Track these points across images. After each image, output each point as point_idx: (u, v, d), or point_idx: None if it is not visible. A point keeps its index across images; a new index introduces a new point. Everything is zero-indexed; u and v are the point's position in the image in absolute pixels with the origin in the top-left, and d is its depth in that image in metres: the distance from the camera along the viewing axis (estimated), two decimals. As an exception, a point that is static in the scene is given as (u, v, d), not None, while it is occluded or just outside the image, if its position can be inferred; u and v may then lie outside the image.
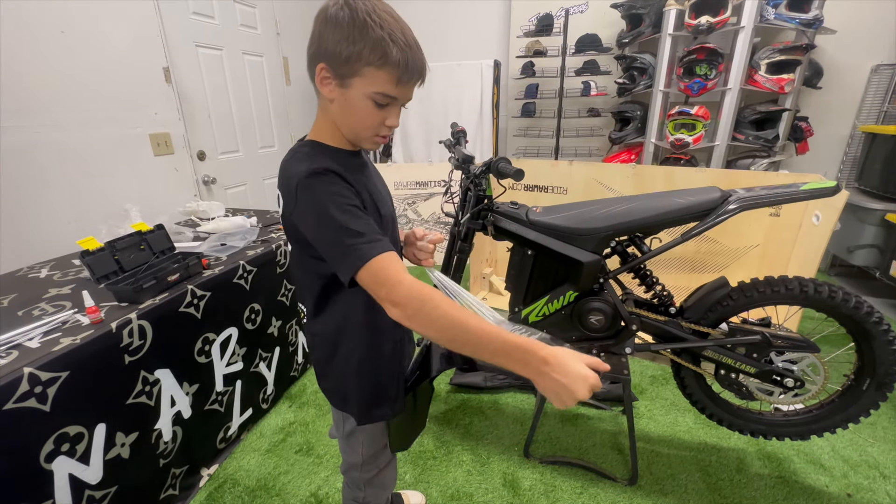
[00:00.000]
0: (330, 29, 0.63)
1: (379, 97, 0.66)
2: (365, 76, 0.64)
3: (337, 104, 0.69)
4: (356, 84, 0.65)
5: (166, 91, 2.23)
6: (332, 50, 0.64)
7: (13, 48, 1.61)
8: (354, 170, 0.73)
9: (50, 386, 0.97)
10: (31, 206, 1.71)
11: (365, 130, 0.70)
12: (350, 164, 0.73)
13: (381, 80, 0.65)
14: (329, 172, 0.66)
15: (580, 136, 3.32)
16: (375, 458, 0.94)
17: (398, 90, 0.67)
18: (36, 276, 1.48)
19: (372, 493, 0.98)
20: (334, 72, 0.66)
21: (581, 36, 3.06)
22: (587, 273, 1.34)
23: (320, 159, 0.69)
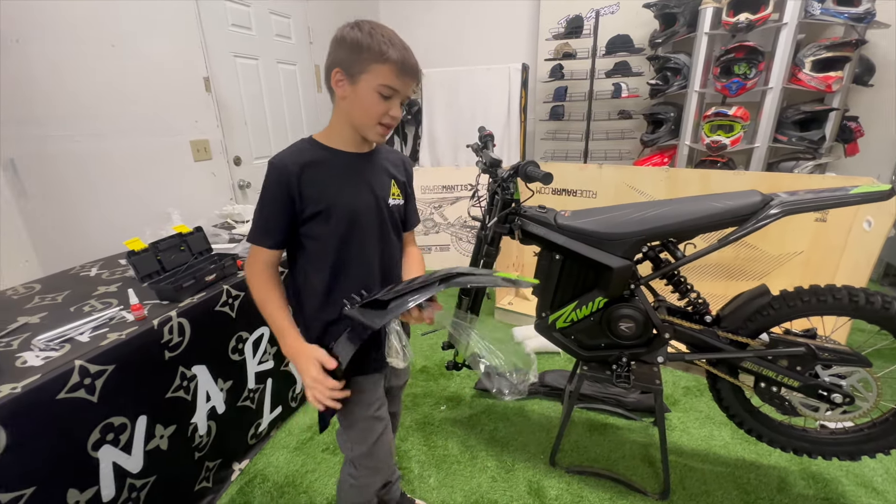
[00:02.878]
0: (343, 43, 0.81)
1: (383, 89, 0.81)
2: (371, 72, 0.80)
3: (348, 100, 0.84)
4: (364, 79, 0.81)
5: (206, 100, 2.33)
6: (344, 56, 0.81)
7: (69, 62, 1.74)
8: (322, 164, 0.87)
9: (98, 378, 1.03)
10: (83, 209, 1.83)
11: (371, 120, 0.84)
12: (322, 158, 0.87)
13: (385, 74, 0.80)
14: (276, 168, 0.84)
15: (610, 138, 3.25)
16: (358, 429, 1.00)
17: (399, 83, 0.82)
18: (87, 274, 1.57)
19: (365, 474, 1.05)
20: (346, 72, 0.82)
21: (612, 37, 3.01)
22: (617, 279, 1.31)
23: (288, 153, 0.87)
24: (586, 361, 1.48)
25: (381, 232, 0.95)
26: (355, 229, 0.90)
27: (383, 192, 0.94)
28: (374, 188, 0.92)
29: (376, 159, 0.95)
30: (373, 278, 0.95)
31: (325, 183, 0.86)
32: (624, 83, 3.06)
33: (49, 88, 1.68)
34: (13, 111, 1.58)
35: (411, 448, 1.67)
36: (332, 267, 0.90)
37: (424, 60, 3.62)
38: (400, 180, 0.99)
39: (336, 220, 0.87)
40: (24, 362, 0.99)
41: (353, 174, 0.90)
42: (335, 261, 0.90)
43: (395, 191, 0.97)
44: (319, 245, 0.89)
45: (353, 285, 0.91)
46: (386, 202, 0.95)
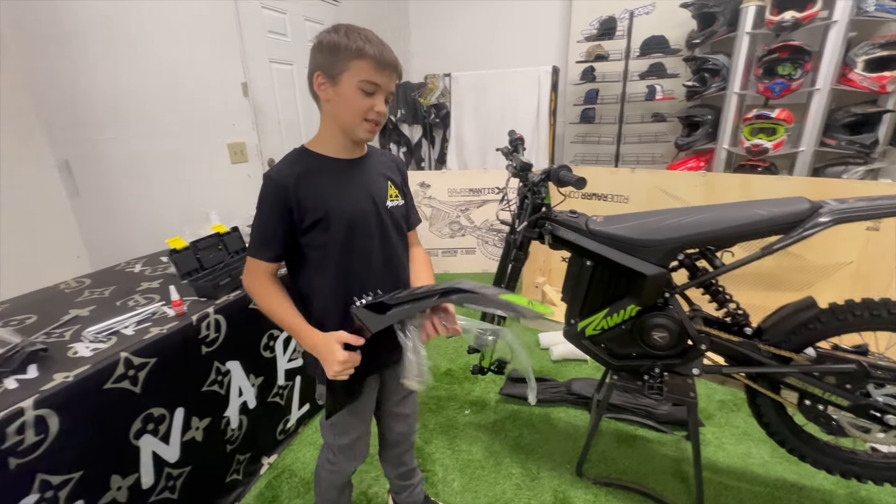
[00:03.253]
0: (321, 48, 0.83)
1: (365, 85, 0.82)
2: (351, 69, 0.81)
3: (332, 102, 0.85)
4: (345, 78, 0.82)
5: (243, 104, 2.42)
6: (323, 60, 0.82)
7: (120, 68, 1.83)
8: (318, 173, 0.88)
9: (141, 370, 1.08)
10: (129, 208, 1.92)
11: (357, 117, 0.85)
12: (317, 167, 0.89)
13: (364, 69, 0.81)
14: (272, 181, 0.86)
15: (643, 142, 3.17)
16: (343, 427, 1.05)
17: (379, 77, 0.83)
18: (131, 270, 1.65)
19: (343, 461, 1.11)
20: (327, 74, 0.82)
21: (647, 38, 2.93)
22: (651, 287, 1.27)
23: (283, 166, 0.89)
24: (616, 371, 1.44)
25: (382, 235, 0.95)
26: (356, 234, 0.90)
27: (381, 196, 0.95)
28: (372, 192, 0.93)
29: (370, 163, 0.96)
30: (379, 281, 0.94)
31: (322, 191, 0.87)
32: (658, 85, 2.98)
33: (101, 93, 1.79)
34: (69, 115, 1.69)
35: (435, 451, 1.67)
36: (337, 273, 0.91)
37: (453, 63, 3.66)
38: (396, 181, 1.00)
39: (336, 227, 0.88)
40: (76, 353, 1.05)
41: (348, 180, 0.91)
42: (339, 267, 0.91)
43: (392, 192, 0.97)
44: (321, 253, 0.90)
45: (359, 289, 0.90)
46: (384, 205, 0.95)
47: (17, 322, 1.23)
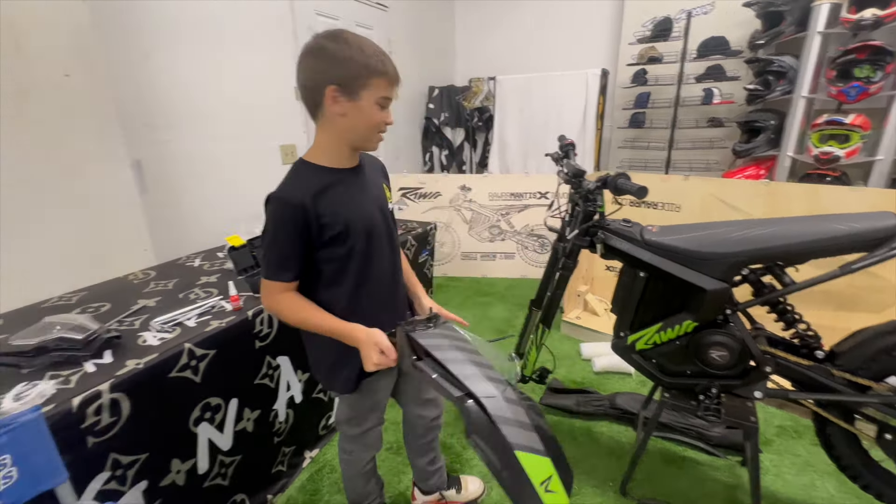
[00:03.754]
0: (331, 59, 0.80)
1: (382, 101, 0.85)
2: (372, 86, 0.82)
3: (349, 117, 0.84)
4: (365, 95, 0.83)
5: (295, 107, 2.50)
6: (340, 73, 0.80)
7: (185, 73, 1.95)
8: (327, 187, 0.87)
9: (202, 361, 1.14)
10: (190, 205, 2.04)
11: (372, 131, 0.88)
12: (325, 181, 0.88)
13: (383, 86, 0.84)
14: (286, 204, 0.85)
15: (697, 147, 3.02)
16: (358, 420, 1.10)
17: (393, 91, 0.87)
18: (191, 264, 1.75)
19: (358, 449, 1.16)
20: (344, 89, 0.81)
21: (705, 39, 2.80)
22: (711, 302, 1.20)
23: (292, 183, 0.88)
24: (668, 388, 1.37)
25: (389, 237, 0.99)
26: (372, 242, 0.93)
27: (382, 199, 0.99)
28: (376, 198, 0.97)
29: (367, 170, 0.98)
30: (389, 283, 1.01)
31: (337, 204, 0.87)
32: (716, 88, 2.83)
33: (169, 97, 1.91)
34: (142, 117, 1.81)
35: (473, 457, 1.65)
36: (354, 282, 0.93)
37: (498, 67, 3.64)
38: (387, 183, 1.05)
39: (354, 238, 0.90)
40: (144, 341, 1.12)
41: (356, 189, 0.93)
42: (356, 275, 0.93)
43: (388, 195, 1.03)
44: (337, 266, 0.91)
45: (376, 293, 0.96)
46: (386, 208, 1.00)
47: (93, 309, 1.33)
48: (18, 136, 1.33)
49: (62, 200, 1.45)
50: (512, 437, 0.70)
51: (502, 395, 0.74)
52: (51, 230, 1.43)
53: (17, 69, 1.31)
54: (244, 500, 1.34)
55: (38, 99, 1.36)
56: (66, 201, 1.46)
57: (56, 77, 1.40)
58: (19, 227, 1.36)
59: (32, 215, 1.39)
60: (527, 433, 0.72)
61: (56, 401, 0.87)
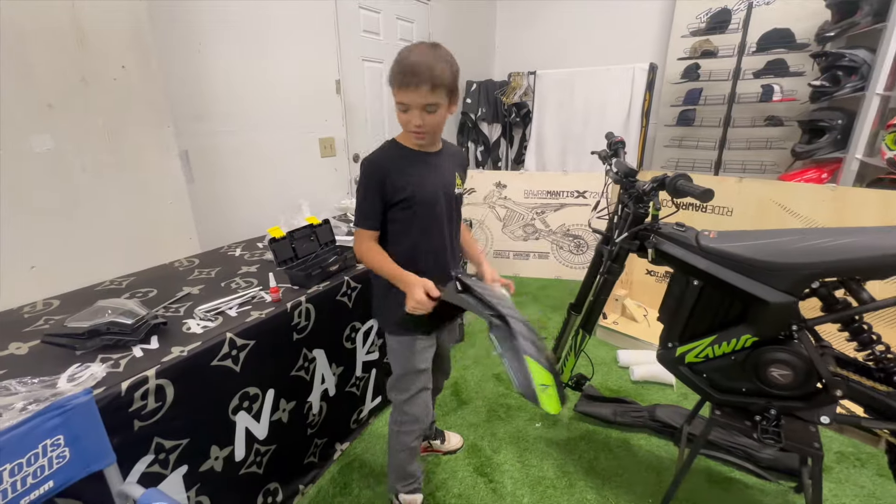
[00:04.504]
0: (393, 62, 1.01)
1: (399, 105, 1.02)
2: (395, 93, 1.01)
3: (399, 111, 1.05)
4: (396, 97, 1.02)
5: (336, 101, 2.52)
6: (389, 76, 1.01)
7: (233, 66, 1.99)
8: (405, 161, 1.08)
9: (242, 350, 1.15)
10: (232, 195, 2.08)
11: (405, 129, 1.06)
12: (404, 156, 1.09)
13: (398, 94, 1.00)
14: (372, 164, 1.07)
15: (751, 148, 2.83)
16: (405, 383, 1.24)
17: (404, 96, 0.99)
18: (232, 254, 1.79)
19: (408, 421, 1.27)
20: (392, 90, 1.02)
21: (767, 31, 2.61)
22: (775, 316, 1.11)
23: (379, 153, 1.10)
24: (718, 405, 1.28)
25: (449, 215, 1.16)
26: (430, 213, 1.11)
27: (450, 184, 1.15)
28: (445, 180, 1.14)
29: (444, 157, 1.15)
30: (441, 252, 1.17)
31: (407, 176, 1.07)
32: (777, 84, 2.64)
33: (216, 89, 1.95)
34: (191, 109, 1.86)
35: (504, 462, 1.61)
36: (411, 243, 1.12)
37: (538, 61, 3.53)
38: (462, 174, 1.20)
39: (416, 207, 1.08)
40: (189, 328, 1.15)
41: (427, 169, 1.10)
42: (414, 238, 1.11)
43: (458, 182, 1.18)
44: (400, 227, 1.11)
45: (429, 258, 1.14)
46: (453, 191, 1.16)
47: (141, 294, 1.37)
48: (83, 125, 1.39)
49: (119, 188, 1.51)
50: (526, 348, 0.97)
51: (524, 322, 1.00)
52: (107, 216, 1.49)
53: (80, 61, 1.36)
54: (277, 489, 1.35)
55: (98, 90, 1.41)
56: (122, 189, 1.52)
57: (114, 69, 1.44)
58: (81, 212, 1.42)
59: (93, 202, 1.45)
60: (537, 351, 0.98)
61: (106, 384, 0.90)
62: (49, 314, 1.23)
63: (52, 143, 1.33)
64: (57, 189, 1.36)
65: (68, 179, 1.38)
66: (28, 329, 1.14)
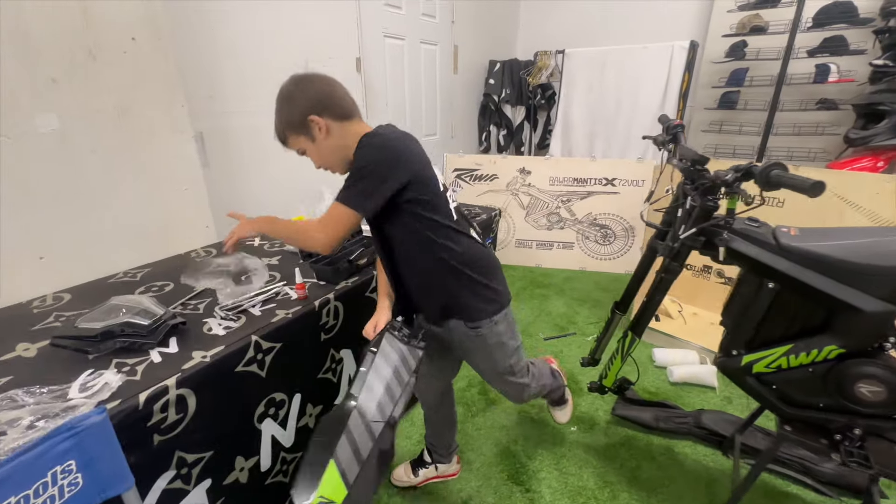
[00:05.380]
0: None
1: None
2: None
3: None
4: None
5: (356, 80, 2.37)
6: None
7: (248, 41, 1.85)
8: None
9: (268, 354, 1.05)
10: (248, 180, 1.97)
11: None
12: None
13: None
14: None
15: (801, 133, 2.63)
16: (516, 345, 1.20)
17: None
18: (251, 243, 1.68)
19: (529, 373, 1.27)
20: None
21: (826, 5, 2.39)
22: (869, 327, 0.98)
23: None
24: (788, 420, 1.16)
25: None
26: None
27: None
28: None
29: None
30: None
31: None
32: (834, 64, 2.43)
33: (232, 67, 1.81)
34: (205, 87, 1.73)
35: (540, 469, 1.52)
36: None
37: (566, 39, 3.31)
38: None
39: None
40: (210, 329, 1.04)
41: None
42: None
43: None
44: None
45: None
46: None
47: (157, 288, 1.27)
48: (90, 103, 1.27)
49: (130, 171, 1.40)
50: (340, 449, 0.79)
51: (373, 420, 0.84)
52: (118, 201, 1.39)
53: (86, 32, 1.23)
54: (303, 497, 1.27)
55: (106, 64, 1.28)
56: (133, 172, 1.41)
57: (124, 41, 1.32)
58: (90, 197, 1.32)
59: (102, 185, 1.34)
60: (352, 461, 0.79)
61: (122, 395, 0.80)
62: (60, 309, 1.14)
63: (58, 122, 1.21)
64: (64, 173, 1.25)
65: (76, 162, 1.27)
66: (37, 327, 1.05)
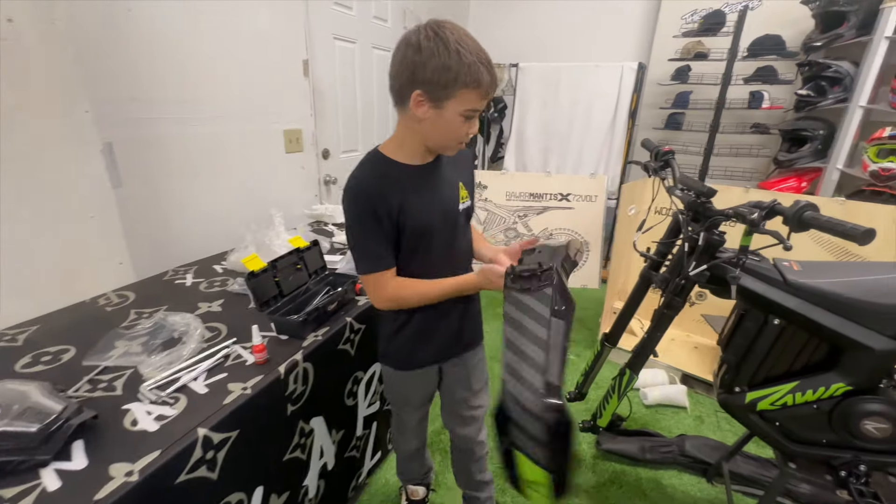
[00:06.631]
0: (424, 59, 0.74)
1: (468, 112, 0.79)
2: (459, 97, 0.77)
3: (429, 122, 0.80)
4: (450, 105, 0.78)
5: (303, 85, 2.10)
6: (429, 77, 0.75)
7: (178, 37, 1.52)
8: (399, 182, 0.85)
9: (220, 449, 0.79)
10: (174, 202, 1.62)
11: (453, 141, 0.84)
12: (398, 177, 0.86)
13: (473, 99, 0.78)
14: (356, 192, 0.84)
15: (738, 154, 2.82)
16: (395, 403, 1.16)
17: (483, 104, 0.80)
18: (182, 282, 1.36)
19: (399, 437, 1.22)
20: (430, 96, 0.77)
21: (759, 37, 2.57)
22: (877, 365, 0.97)
23: (367, 171, 0.86)
24: (792, 457, 1.14)
25: (452, 238, 0.95)
26: (424, 242, 0.90)
27: (453, 201, 0.93)
28: (445, 198, 0.92)
29: (443, 167, 0.92)
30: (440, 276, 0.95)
31: (399, 200, 0.84)
32: (766, 91, 2.63)
33: (152, 64, 1.48)
34: (116, 89, 1.38)
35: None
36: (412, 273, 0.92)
37: (521, 53, 3.25)
38: (466, 180, 0.98)
39: (409, 236, 0.87)
40: (135, 422, 0.76)
41: (424, 188, 0.88)
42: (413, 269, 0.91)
43: (463, 193, 0.96)
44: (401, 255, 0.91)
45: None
46: (456, 209, 0.94)
47: (49, 357, 0.94)
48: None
49: (15, 196, 1.04)
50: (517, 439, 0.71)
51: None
52: (-11, 239, 1.03)
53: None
54: None
55: (-34, 53, 0.94)
56: (16, 196, 1.05)
57: (-6, 23, 0.97)
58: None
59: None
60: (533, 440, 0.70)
61: (-6, 566, 0.52)
62: None
63: None
64: None
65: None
66: None
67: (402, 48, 0.76)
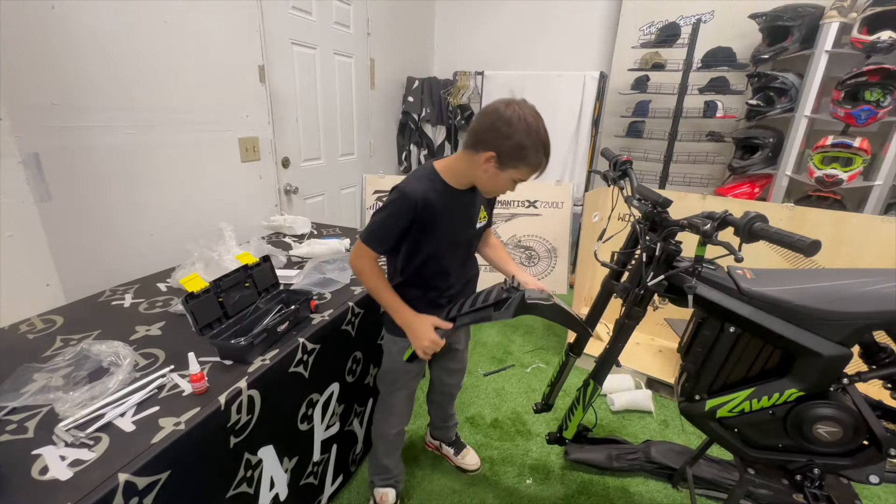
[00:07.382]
0: (509, 133, 0.91)
1: (518, 180, 1.00)
2: (519, 170, 0.97)
3: (487, 175, 0.98)
4: (510, 172, 0.97)
5: (259, 92, 2.02)
6: (505, 149, 0.93)
7: (113, 37, 1.42)
8: (445, 200, 1.03)
9: (147, 495, 0.71)
10: (111, 216, 1.51)
11: (497, 193, 1.09)
12: (444, 195, 1.03)
13: (526, 174, 0.99)
14: (410, 198, 0.99)
15: (696, 161, 2.91)
16: (391, 377, 1.25)
17: (529, 174, 0.99)
18: (119, 303, 1.26)
19: (385, 413, 1.31)
20: (499, 161, 0.95)
21: (712, 49, 2.67)
22: (827, 370, 0.99)
23: (425, 186, 1.02)
24: (751, 462, 1.15)
25: (467, 252, 1.19)
26: (445, 251, 1.10)
27: (474, 222, 1.13)
28: (471, 219, 1.12)
29: (476, 195, 1.10)
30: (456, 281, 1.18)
31: (437, 212, 1.02)
32: (720, 101, 2.73)
33: (87, 68, 1.37)
34: (42, 94, 1.27)
35: None
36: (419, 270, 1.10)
37: (486, 61, 3.27)
38: (487, 205, 1.17)
39: (435, 242, 1.06)
40: (45, 470, 0.68)
41: (457, 208, 1.07)
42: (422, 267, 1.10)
43: (482, 215, 1.16)
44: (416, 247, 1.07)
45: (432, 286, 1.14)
46: (475, 228, 1.14)
47: (-47, 396, 0.83)
48: None
49: None
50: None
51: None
52: None
53: None
54: None
55: None
56: None
57: None
58: None
59: None
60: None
61: None
62: None
63: None
64: None
65: None
66: None
67: (493, 114, 0.92)
